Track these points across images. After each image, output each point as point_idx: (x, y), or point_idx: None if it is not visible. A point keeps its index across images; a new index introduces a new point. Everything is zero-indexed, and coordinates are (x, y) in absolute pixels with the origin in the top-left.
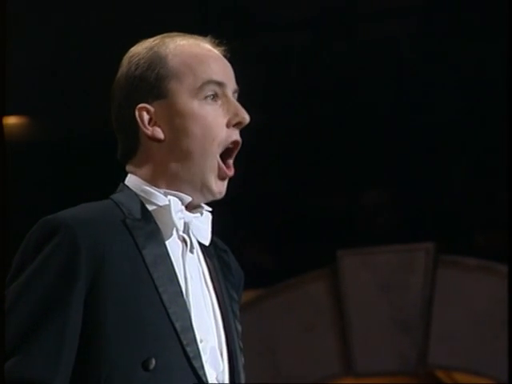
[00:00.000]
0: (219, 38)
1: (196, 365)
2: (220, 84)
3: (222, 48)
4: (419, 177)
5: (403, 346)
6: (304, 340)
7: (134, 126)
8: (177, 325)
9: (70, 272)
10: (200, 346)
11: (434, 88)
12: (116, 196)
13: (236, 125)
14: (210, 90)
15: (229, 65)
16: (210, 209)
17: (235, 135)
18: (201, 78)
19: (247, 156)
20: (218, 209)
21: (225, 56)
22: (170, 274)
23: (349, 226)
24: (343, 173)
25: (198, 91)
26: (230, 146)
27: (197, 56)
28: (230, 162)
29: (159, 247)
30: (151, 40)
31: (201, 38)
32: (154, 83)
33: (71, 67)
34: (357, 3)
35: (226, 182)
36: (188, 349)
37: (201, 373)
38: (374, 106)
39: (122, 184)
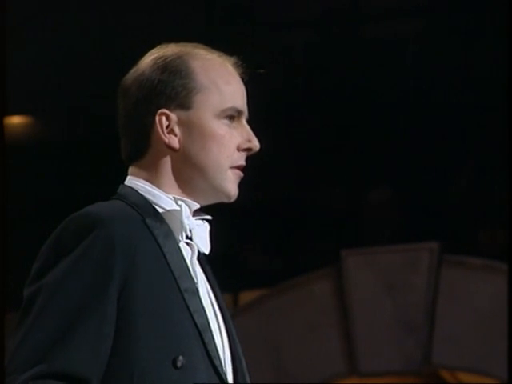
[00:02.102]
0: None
1: (216, 363)
2: (239, 111)
3: (242, 70)
4: (423, 176)
5: (407, 345)
6: (308, 339)
7: (147, 129)
8: (198, 323)
9: (105, 269)
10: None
11: (436, 88)
12: (124, 197)
13: (246, 150)
14: (230, 113)
15: (245, 90)
16: (210, 217)
17: (242, 160)
18: (226, 101)
19: (250, 157)
20: (223, 209)
21: (242, 78)
22: (187, 273)
23: (353, 225)
24: (348, 172)
25: (221, 112)
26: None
27: (224, 77)
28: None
29: (175, 247)
30: (174, 46)
31: (225, 55)
32: (179, 92)
33: (71, 67)
34: (360, 4)
35: (237, 185)
36: (209, 348)
37: (221, 371)
38: (377, 106)
39: (123, 185)
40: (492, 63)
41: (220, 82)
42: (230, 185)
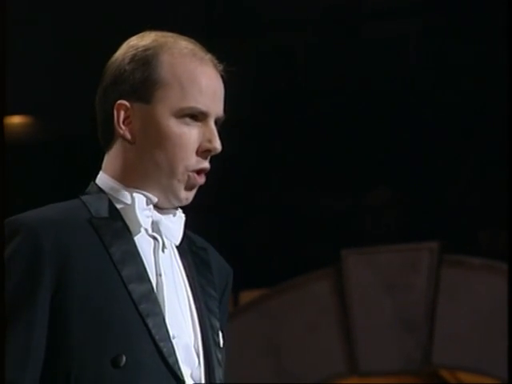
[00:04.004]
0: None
1: (170, 361)
2: (202, 112)
3: (221, 68)
4: (423, 176)
5: (407, 345)
6: (308, 339)
7: (109, 118)
8: (148, 320)
9: (33, 272)
10: (174, 342)
11: (437, 88)
12: (85, 195)
13: (205, 151)
14: (190, 112)
15: (221, 90)
16: (180, 211)
17: (204, 163)
18: (187, 101)
19: (252, 156)
20: (225, 209)
21: (221, 76)
22: (139, 271)
23: (353, 225)
24: (348, 172)
25: (179, 111)
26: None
27: (191, 74)
28: (204, 171)
29: (127, 244)
30: (153, 35)
31: (203, 52)
32: (140, 84)
33: (71, 67)
34: (360, 4)
35: (195, 190)
36: (161, 344)
37: (175, 368)
38: (377, 107)
39: (92, 182)
40: (492, 63)
41: (185, 78)
42: (182, 188)
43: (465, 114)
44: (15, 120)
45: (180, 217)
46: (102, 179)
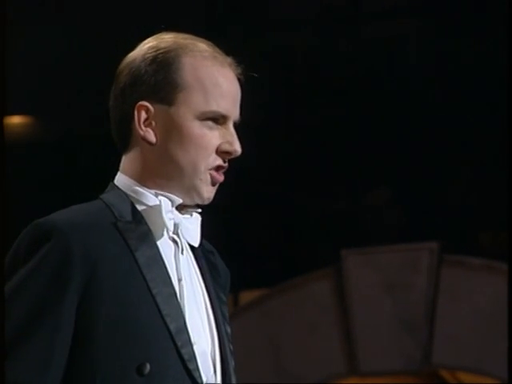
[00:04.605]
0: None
1: (191, 367)
2: (224, 116)
3: (239, 71)
4: (423, 177)
5: (407, 345)
6: (308, 339)
7: (128, 118)
8: (171, 326)
9: (62, 277)
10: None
11: (437, 88)
12: (106, 197)
13: (225, 153)
14: (213, 116)
15: (239, 93)
16: (200, 210)
17: (219, 161)
18: (209, 104)
19: (252, 156)
20: (223, 209)
21: (239, 79)
22: (163, 276)
23: (353, 225)
24: (348, 172)
25: (202, 114)
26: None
27: (213, 78)
28: (222, 169)
29: (151, 249)
30: (173, 37)
31: (223, 56)
32: (162, 86)
33: (72, 67)
34: (360, 4)
35: (215, 188)
36: (183, 351)
37: (196, 375)
38: (377, 107)
39: (111, 183)
40: (492, 63)
41: (207, 82)
42: (204, 187)
43: (465, 114)
44: (15, 120)
45: (196, 217)
46: (122, 180)
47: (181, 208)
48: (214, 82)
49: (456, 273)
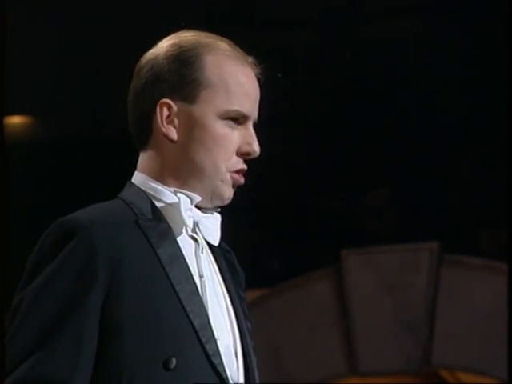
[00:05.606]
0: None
1: (215, 362)
2: (245, 116)
3: (259, 71)
4: (423, 176)
5: (407, 345)
6: (308, 339)
7: (149, 114)
8: (195, 322)
9: (87, 274)
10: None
11: (436, 88)
12: (125, 195)
13: (245, 154)
14: (235, 115)
15: (258, 93)
16: (219, 209)
17: (240, 164)
18: (232, 104)
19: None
20: (225, 210)
21: (258, 79)
22: (185, 272)
23: (353, 225)
24: (348, 173)
25: (225, 113)
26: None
27: (236, 77)
28: (242, 171)
29: (172, 246)
30: (194, 35)
31: (244, 55)
32: (184, 84)
33: (72, 67)
34: (360, 4)
35: (234, 189)
36: (207, 346)
37: (220, 369)
38: (377, 107)
39: (129, 182)
40: (492, 63)
41: (230, 81)
42: (225, 187)
43: (465, 114)
44: (15, 120)
45: (216, 217)
46: (140, 179)
47: (200, 207)
48: (237, 81)
49: (456, 273)
